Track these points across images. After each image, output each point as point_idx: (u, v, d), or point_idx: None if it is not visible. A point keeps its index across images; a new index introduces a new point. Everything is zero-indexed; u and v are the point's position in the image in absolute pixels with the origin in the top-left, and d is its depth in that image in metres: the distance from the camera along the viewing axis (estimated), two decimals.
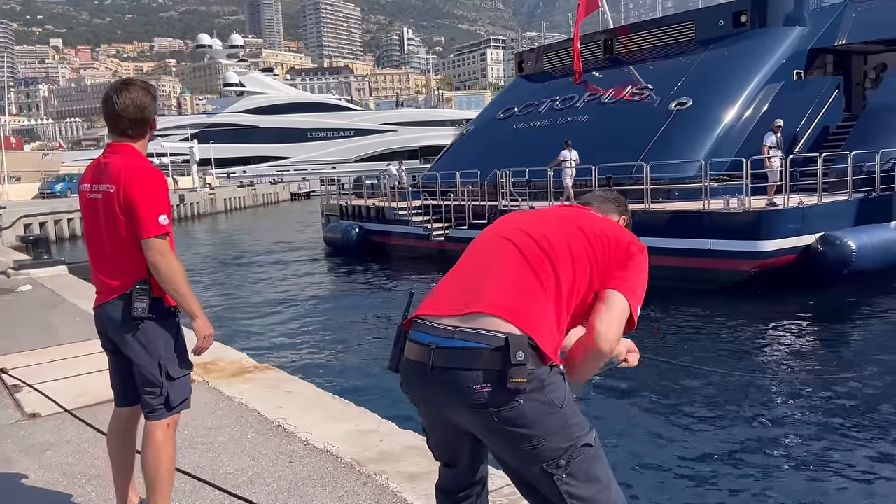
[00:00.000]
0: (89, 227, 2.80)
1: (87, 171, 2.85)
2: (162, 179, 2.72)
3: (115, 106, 2.71)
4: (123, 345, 2.71)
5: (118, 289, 2.70)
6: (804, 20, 18.80)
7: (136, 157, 2.73)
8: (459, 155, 23.06)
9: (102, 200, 2.69)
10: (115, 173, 2.67)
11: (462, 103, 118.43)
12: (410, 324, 1.89)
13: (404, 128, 74.41)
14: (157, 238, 2.62)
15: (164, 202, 2.67)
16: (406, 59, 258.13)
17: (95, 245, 2.77)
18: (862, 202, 14.05)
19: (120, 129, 2.74)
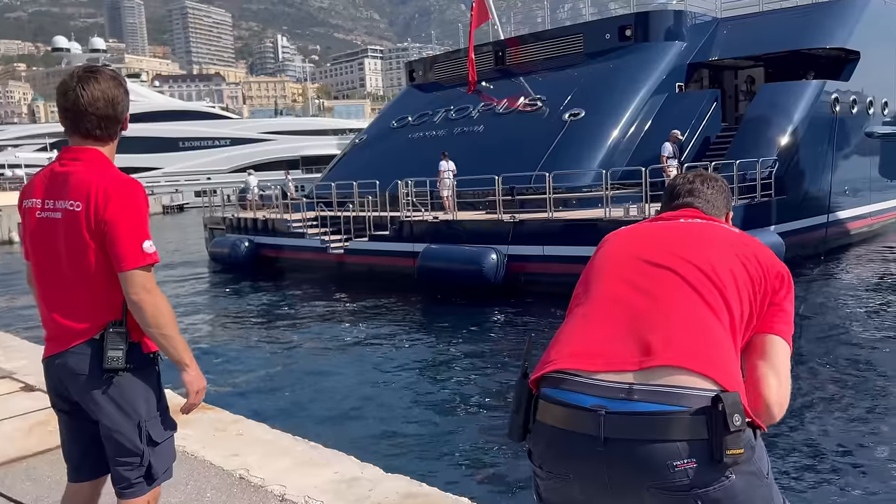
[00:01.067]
0: (40, 253, 2.21)
1: (34, 184, 2.24)
2: (145, 196, 2.18)
3: (79, 99, 2.13)
4: (90, 404, 2.14)
5: (83, 333, 2.13)
6: (683, 35, 19.84)
7: (108, 166, 2.17)
8: (353, 165, 22.53)
9: (63, 221, 2.12)
10: (82, 187, 2.10)
11: (342, 112, 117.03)
12: (541, 379, 1.50)
13: (284, 137, 72.36)
14: (140, 270, 2.09)
15: (147, 225, 2.14)
16: (281, 66, 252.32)
17: (48, 277, 2.19)
18: (747, 208, 14.90)
19: (84, 129, 2.17)
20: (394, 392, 8.84)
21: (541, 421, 1.47)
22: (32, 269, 2.29)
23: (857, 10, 18.67)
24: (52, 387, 2.24)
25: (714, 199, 1.85)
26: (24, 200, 2.24)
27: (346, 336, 12.48)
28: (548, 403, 1.46)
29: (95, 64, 2.48)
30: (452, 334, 12.23)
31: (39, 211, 2.19)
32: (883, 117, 20.17)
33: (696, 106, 18.38)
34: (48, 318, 2.21)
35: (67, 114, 2.17)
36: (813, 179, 16.99)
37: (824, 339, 10.45)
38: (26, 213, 2.24)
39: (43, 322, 2.26)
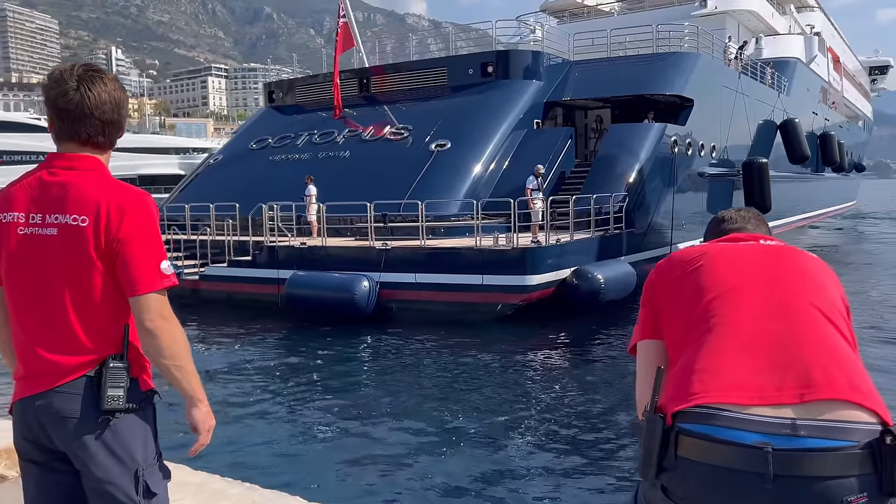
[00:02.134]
0: (23, 275, 1.89)
1: (12, 195, 1.91)
2: (157, 211, 1.94)
3: (84, 101, 1.88)
4: (79, 452, 1.84)
5: (75, 369, 1.85)
6: (541, 75, 20.96)
7: (111, 177, 1.91)
8: (208, 186, 21.45)
9: (60, 238, 1.84)
10: (88, 200, 1.84)
11: (184, 131, 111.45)
12: (680, 413, 1.45)
13: (121, 154, 67.47)
14: (156, 294, 1.86)
15: (162, 243, 1.91)
16: None
17: (32, 303, 1.88)
18: (601, 240, 15.90)
19: (86, 135, 1.91)
20: (249, 428, 8.40)
21: (688, 458, 1.43)
22: (7, 293, 1.94)
23: (690, 63, 20.71)
24: (24, 433, 1.90)
25: (759, 228, 1.94)
26: (1, 214, 1.91)
27: (201, 368, 11.74)
28: (696, 440, 1.42)
29: (89, 62, 2.18)
30: (320, 364, 11.90)
31: (23, 227, 1.88)
32: (710, 159, 22.41)
33: (552, 142, 19.42)
34: (27, 353, 1.89)
35: (65, 116, 1.90)
36: (656, 214, 18.46)
37: None
38: (4, 228, 1.90)
39: (18, 357, 1.92)
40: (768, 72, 27.59)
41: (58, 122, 1.94)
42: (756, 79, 26.09)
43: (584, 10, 33.83)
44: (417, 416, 8.77)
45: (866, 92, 57.65)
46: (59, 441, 1.87)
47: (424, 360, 11.77)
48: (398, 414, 8.86)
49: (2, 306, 2.02)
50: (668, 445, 1.47)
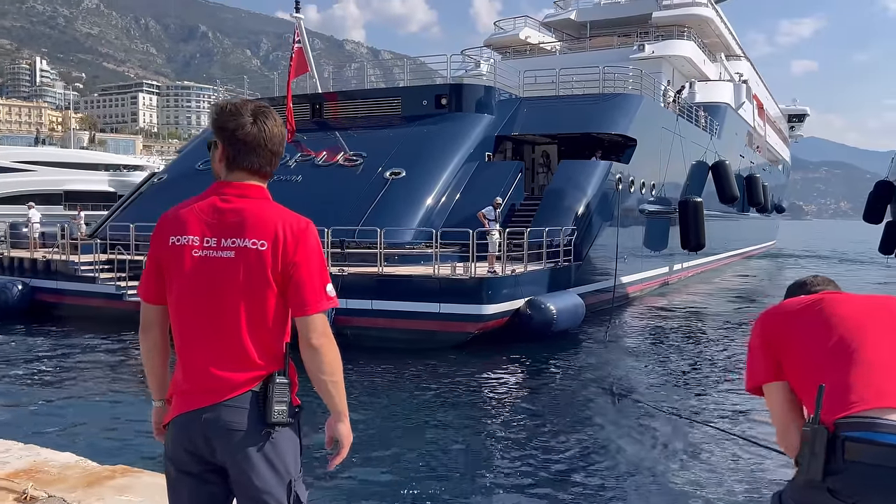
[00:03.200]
0: (195, 295, 1.99)
1: (184, 219, 2.02)
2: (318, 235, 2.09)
3: (260, 134, 2.04)
4: (242, 463, 1.94)
5: (243, 384, 1.96)
6: (492, 109, 21.52)
7: (279, 205, 2.04)
8: (153, 206, 20.86)
9: (237, 260, 1.95)
10: (266, 226, 1.96)
11: (115, 147, 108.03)
12: (841, 421, 1.73)
13: (45, 168, 64.74)
14: (322, 314, 1.99)
15: (326, 267, 2.05)
16: (38, 91, 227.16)
17: (206, 321, 1.98)
18: (552, 271, 16.36)
19: (256, 165, 2.06)
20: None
21: (855, 461, 1.68)
22: (176, 312, 2.01)
23: (634, 104, 21.69)
24: (185, 445, 1.98)
25: (838, 287, 2.30)
26: (169, 237, 1.99)
27: (125, 398, 11.37)
28: (862, 445, 1.69)
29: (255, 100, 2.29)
30: None
31: (198, 249, 1.98)
32: (650, 196, 23.39)
33: (503, 175, 19.90)
34: (196, 369, 1.99)
35: (241, 147, 2.04)
36: (602, 247, 19.12)
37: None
38: (176, 251, 2.00)
39: (185, 372, 2.01)
40: (702, 115, 29.09)
41: (232, 151, 2.07)
42: (691, 121, 27.46)
43: (527, 47, 34.91)
44: (379, 445, 8.80)
45: (785, 137, 61.28)
46: (223, 452, 1.96)
47: (382, 388, 11.80)
48: (356, 445, 8.86)
49: (160, 331, 2.10)
50: (834, 451, 1.72)
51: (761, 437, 7.92)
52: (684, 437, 8.78)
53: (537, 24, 38.24)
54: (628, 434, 8.92)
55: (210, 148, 2.15)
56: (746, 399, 10.69)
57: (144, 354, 2.18)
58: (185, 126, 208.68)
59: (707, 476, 7.48)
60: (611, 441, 8.67)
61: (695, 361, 13.92)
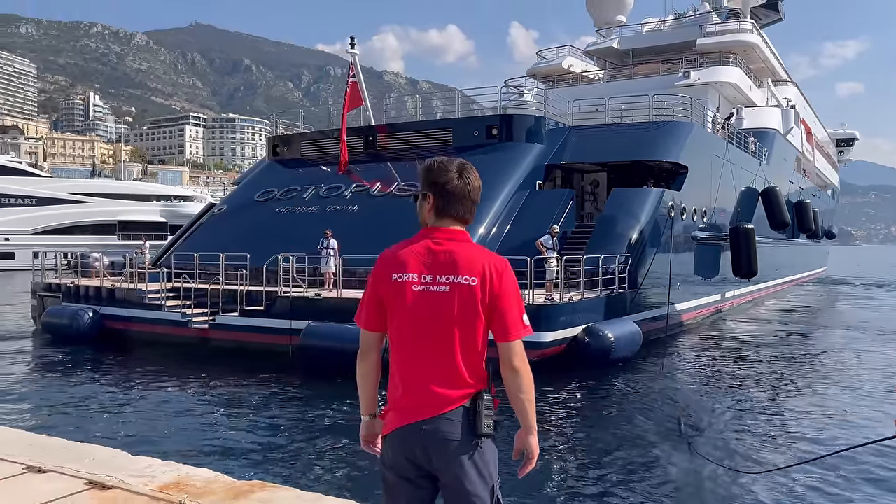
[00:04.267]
0: (416, 323, 2.30)
1: (403, 259, 2.35)
2: None
3: (466, 186, 2.38)
4: (456, 469, 2.22)
5: (456, 400, 2.25)
6: (542, 138, 21.83)
7: (481, 246, 2.34)
8: (214, 236, 21.67)
9: (452, 294, 2.25)
10: (474, 264, 2.26)
11: (165, 178, 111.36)
12: None
13: (101, 199, 67.15)
14: (521, 341, 2.28)
15: (522, 298, 2.33)
16: (91, 125, 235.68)
17: (426, 346, 2.27)
18: (608, 299, 16.43)
19: (460, 213, 2.39)
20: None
21: None
22: (397, 338, 2.30)
23: (685, 131, 21.77)
24: (406, 453, 2.26)
25: None
26: (391, 274, 2.29)
27: (214, 421, 11.73)
28: None
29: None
30: (334, 415, 11.95)
31: (417, 285, 2.28)
32: (700, 223, 23.32)
33: (554, 203, 20.10)
34: (417, 386, 2.27)
35: (449, 198, 2.35)
36: (655, 275, 19.11)
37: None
38: (398, 287, 2.30)
39: (406, 389, 2.29)
40: (751, 141, 28.97)
41: (441, 202, 2.39)
42: (741, 148, 27.36)
43: (570, 76, 35.25)
44: None
45: (834, 162, 60.29)
46: (439, 460, 2.24)
47: None
48: None
49: (377, 355, 2.41)
50: None
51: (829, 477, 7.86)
52: (747, 487, 8.42)
53: (580, 53, 38.64)
54: (694, 473, 8.69)
55: (417, 199, 2.46)
56: (814, 440, 10.62)
57: (362, 375, 2.49)
58: (229, 157, 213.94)
59: None
60: (679, 483, 8.45)
61: (755, 397, 13.55)
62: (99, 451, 4.55)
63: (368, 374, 2.51)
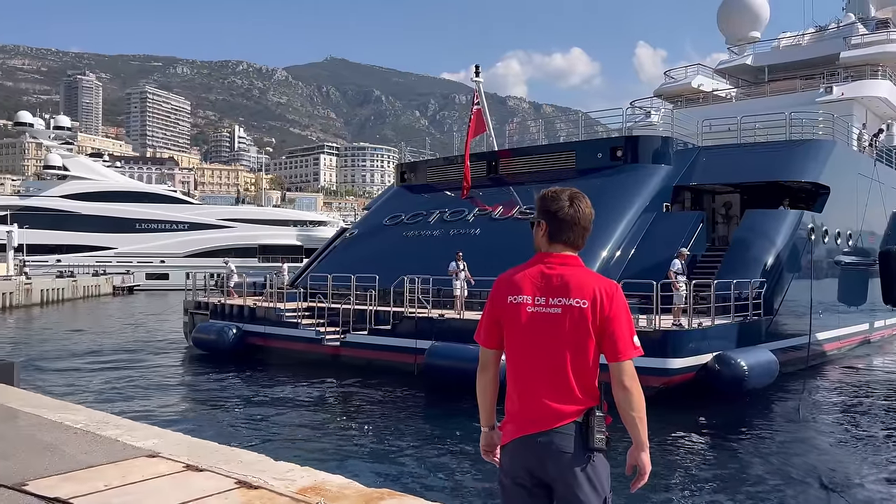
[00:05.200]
0: (530, 342, 2.48)
1: (521, 283, 2.54)
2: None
3: (577, 213, 2.56)
4: (570, 479, 2.37)
5: (569, 415, 2.40)
6: (669, 159, 21.31)
7: (591, 270, 2.52)
8: (346, 258, 22.78)
9: (563, 316, 2.42)
10: (585, 288, 2.43)
11: (301, 204, 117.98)
12: None
13: (243, 225, 72.14)
14: (631, 361, 2.40)
15: (632, 321, 2.47)
16: (236, 155, 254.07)
17: (540, 364, 2.45)
18: (741, 325, 15.70)
19: (570, 239, 2.57)
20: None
21: None
22: (513, 356, 2.52)
23: (826, 150, 20.52)
24: (522, 462, 2.44)
25: None
26: (507, 296, 2.52)
27: (345, 431, 12.26)
28: None
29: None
30: (459, 436, 12.14)
31: (531, 306, 2.48)
32: (845, 247, 21.77)
33: (683, 226, 19.52)
34: (533, 400, 2.46)
35: (560, 224, 2.55)
36: (793, 301, 18.04)
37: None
38: (513, 308, 2.52)
39: (522, 403, 2.49)
40: None
41: (553, 227, 2.60)
42: (892, 166, 25.37)
43: (700, 95, 34.13)
44: None
45: None
46: (553, 470, 2.41)
47: None
48: None
49: (495, 370, 2.63)
50: None
51: None
52: None
53: (710, 72, 37.37)
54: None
55: (533, 226, 2.66)
56: None
57: (481, 389, 2.72)
58: (360, 184, 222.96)
59: None
60: None
61: None
62: (246, 455, 5.00)
63: (487, 388, 2.70)
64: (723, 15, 40.28)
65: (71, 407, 6.77)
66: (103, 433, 5.54)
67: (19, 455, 5.01)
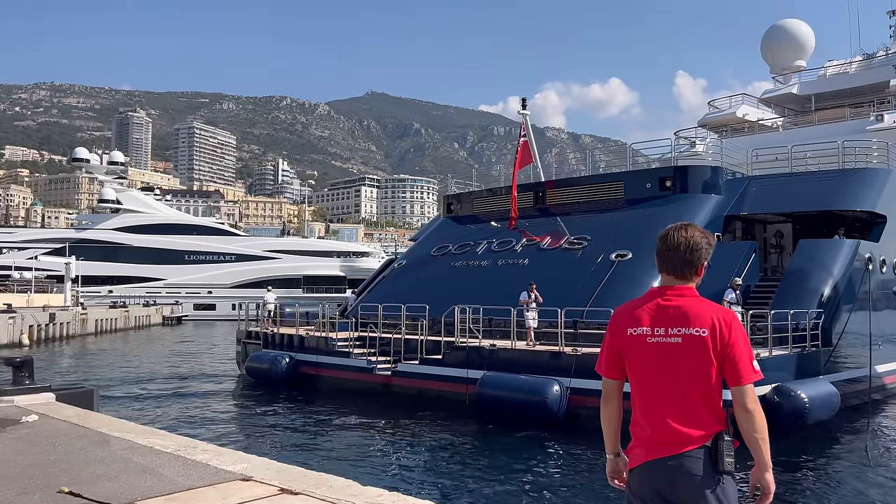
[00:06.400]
0: (653, 371, 2.63)
1: (639, 315, 2.70)
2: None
3: (676, 244, 2.72)
4: (700, 501, 2.48)
5: (698, 440, 2.52)
6: (720, 189, 21.20)
7: (707, 300, 2.67)
8: (395, 288, 23.05)
9: (683, 345, 2.56)
10: (703, 317, 2.57)
11: (345, 236, 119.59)
12: None
13: (288, 256, 73.45)
14: (752, 385, 2.53)
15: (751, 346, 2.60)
16: (279, 188, 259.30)
17: (664, 391, 2.59)
18: (799, 357, 15.43)
19: (674, 269, 2.73)
20: None
21: None
22: (638, 385, 2.68)
23: (881, 178, 20.18)
24: (651, 485, 2.57)
25: None
26: (627, 329, 2.69)
27: (401, 459, 12.38)
28: None
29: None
30: (512, 468, 12.14)
31: (651, 337, 2.63)
32: None
33: (736, 255, 19.31)
34: (661, 426, 2.59)
35: (663, 256, 2.75)
36: (853, 332, 17.65)
37: None
38: (634, 339, 2.68)
39: (654, 429, 2.62)
40: None
41: (657, 259, 2.81)
42: None
43: (745, 124, 33.89)
44: None
45: None
46: (684, 492, 2.52)
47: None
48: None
49: (618, 399, 2.80)
50: None
51: None
52: None
53: (754, 101, 37.12)
54: None
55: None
56: None
57: (606, 418, 2.86)
58: (400, 215, 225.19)
59: None
60: None
61: None
62: (334, 480, 5.17)
63: (612, 417, 2.85)
64: (767, 44, 40.09)
65: (156, 432, 7.06)
66: (194, 457, 5.78)
67: (121, 477, 5.27)
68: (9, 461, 5.73)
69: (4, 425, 7.29)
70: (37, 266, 55.35)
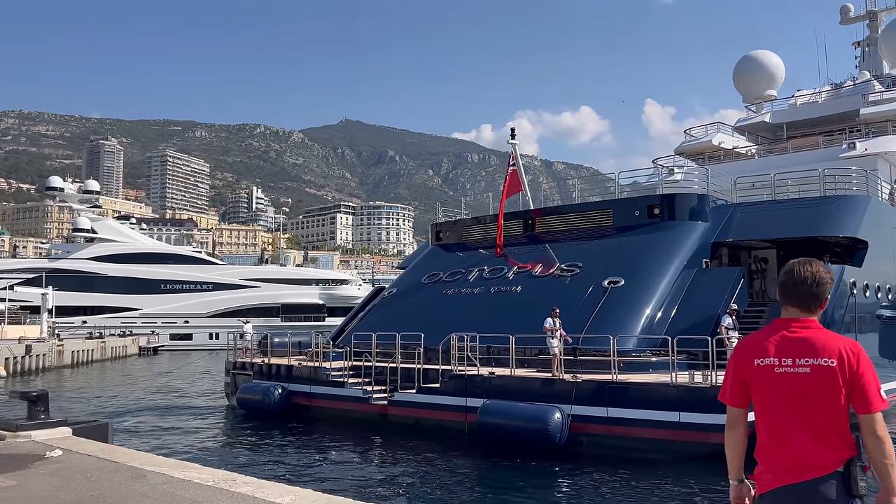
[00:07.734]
0: (782, 400, 2.76)
1: (766, 347, 2.83)
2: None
3: (798, 278, 2.84)
4: None
5: (829, 465, 2.64)
6: (706, 216, 21.66)
7: (831, 331, 2.82)
8: (386, 316, 23.05)
9: (812, 375, 2.70)
10: (831, 348, 2.72)
11: (322, 263, 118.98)
12: None
13: (266, 284, 72.77)
14: (880, 413, 2.67)
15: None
16: (254, 216, 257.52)
17: (791, 418, 2.72)
18: None
19: (796, 302, 2.85)
20: None
21: None
22: (764, 413, 2.81)
23: (862, 205, 20.81)
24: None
25: None
26: (753, 359, 2.83)
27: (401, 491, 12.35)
28: None
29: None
30: (515, 497, 12.16)
31: (778, 367, 2.77)
32: (885, 300, 21.81)
33: (725, 281, 19.68)
34: (792, 453, 2.71)
35: (786, 290, 2.88)
36: None
37: None
38: (761, 370, 2.82)
39: (786, 456, 2.74)
40: None
41: (782, 294, 2.93)
42: None
43: (721, 153, 34.68)
44: None
45: None
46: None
47: (626, 497, 11.78)
48: None
49: (744, 427, 2.92)
50: None
51: None
52: None
53: (729, 129, 38.07)
54: None
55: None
56: None
57: (731, 444, 2.98)
58: (375, 242, 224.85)
59: None
60: None
61: None
62: None
63: (737, 445, 2.96)
64: (739, 74, 41.22)
65: (189, 465, 7.01)
66: (238, 490, 5.77)
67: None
68: (51, 497, 5.67)
69: (31, 461, 7.19)
70: (10, 297, 54.16)
